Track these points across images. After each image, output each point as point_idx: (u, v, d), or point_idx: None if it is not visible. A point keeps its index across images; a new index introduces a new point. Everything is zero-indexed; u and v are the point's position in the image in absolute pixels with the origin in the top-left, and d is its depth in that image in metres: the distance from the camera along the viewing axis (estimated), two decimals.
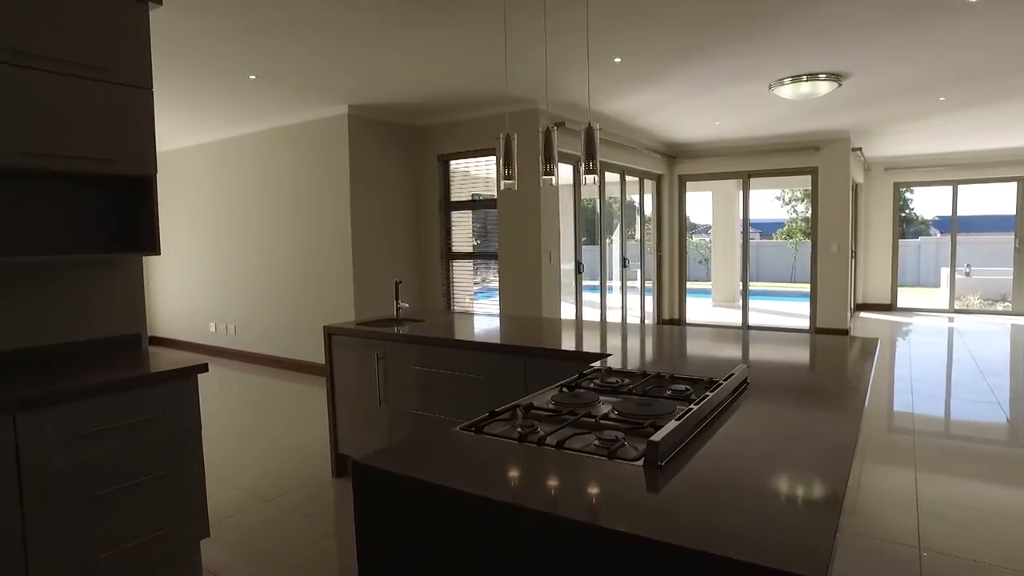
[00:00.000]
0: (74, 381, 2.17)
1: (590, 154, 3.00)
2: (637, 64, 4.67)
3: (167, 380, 2.34)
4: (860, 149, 8.74)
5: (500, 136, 3.23)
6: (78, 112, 2.31)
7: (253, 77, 4.73)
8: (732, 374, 1.86)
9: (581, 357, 2.63)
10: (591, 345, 2.80)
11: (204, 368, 2.45)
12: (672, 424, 1.38)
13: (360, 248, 6.07)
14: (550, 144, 3.16)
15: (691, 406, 1.53)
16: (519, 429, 1.53)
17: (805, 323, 8.55)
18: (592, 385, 1.98)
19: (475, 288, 6.76)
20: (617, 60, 4.54)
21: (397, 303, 3.81)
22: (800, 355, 2.66)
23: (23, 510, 2.02)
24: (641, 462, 1.29)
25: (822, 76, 4.90)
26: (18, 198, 2.43)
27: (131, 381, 2.24)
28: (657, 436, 1.30)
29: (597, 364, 2.32)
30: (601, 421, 1.58)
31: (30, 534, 2.03)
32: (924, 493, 3.23)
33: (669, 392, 1.83)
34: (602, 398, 1.84)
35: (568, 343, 2.90)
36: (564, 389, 1.96)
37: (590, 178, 3.07)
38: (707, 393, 1.64)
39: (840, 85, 5.09)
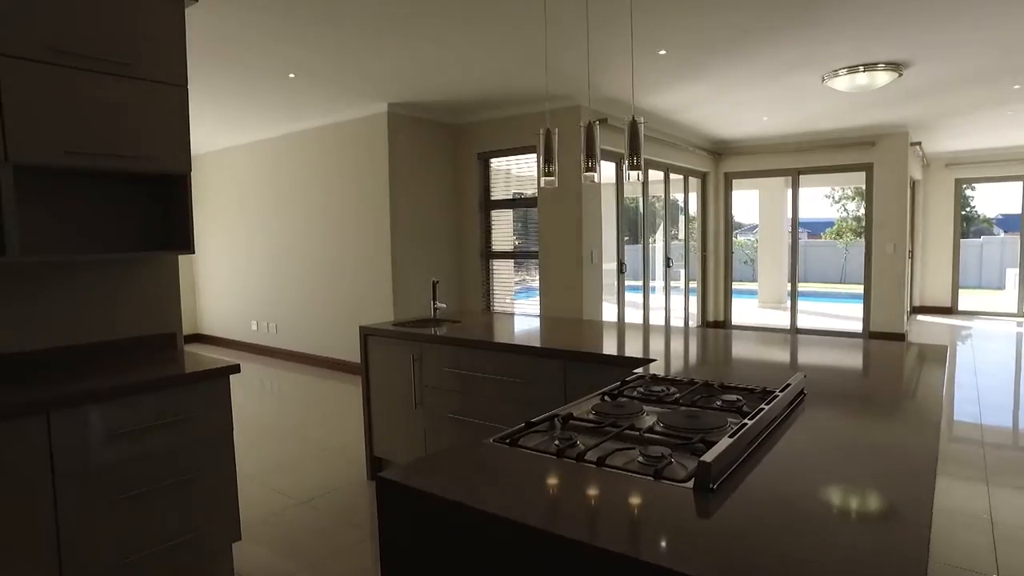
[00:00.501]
0: (108, 380, 2.15)
1: (634, 149, 2.87)
2: (683, 56, 4.49)
3: (199, 381, 2.31)
4: (919, 143, 8.33)
5: (540, 131, 3.12)
6: (113, 110, 2.30)
7: (292, 75, 4.73)
8: (788, 384, 1.71)
9: (624, 362, 2.50)
10: (634, 349, 2.67)
11: (236, 369, 2.41)
12: (725, 441, 1.25)
13: (399, 247, 6.04)
14: (592, 140, 3.04)
15: (745, 420, 1.39)
16: (556, 442, 1.43)
17: (858, 326, 8.19)
18: (636, 394, 1.85)
19: (515, 287, 6.67)
20: (662, 52, 4.38)
21: (434, 303, 3.73)
22: (859, 362, 2.47)
23: (57, 510, 2.00)
24: (691, 484, 1.17)
25: (881, 66, 4.64)
26: (54, 197, 2.43)
27: (163, 381, 2.21)
28: (709, 455, 1.17)
29: (640, 370, 2.19)
30: (646, 435, 1.46)
31: (64, 534, 2.01)
32: (1000, 514, 2.99)
33: (719, 403, 1.70)
34: (646, 408, 1.72)
35: (610, 347, 2.78)
36: (606, 398, 1.85)
37: (634, 175, 2.94)
38: (762, 406, 1.50)
39: (900, 75, 4.81)
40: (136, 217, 2.64)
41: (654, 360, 2.41)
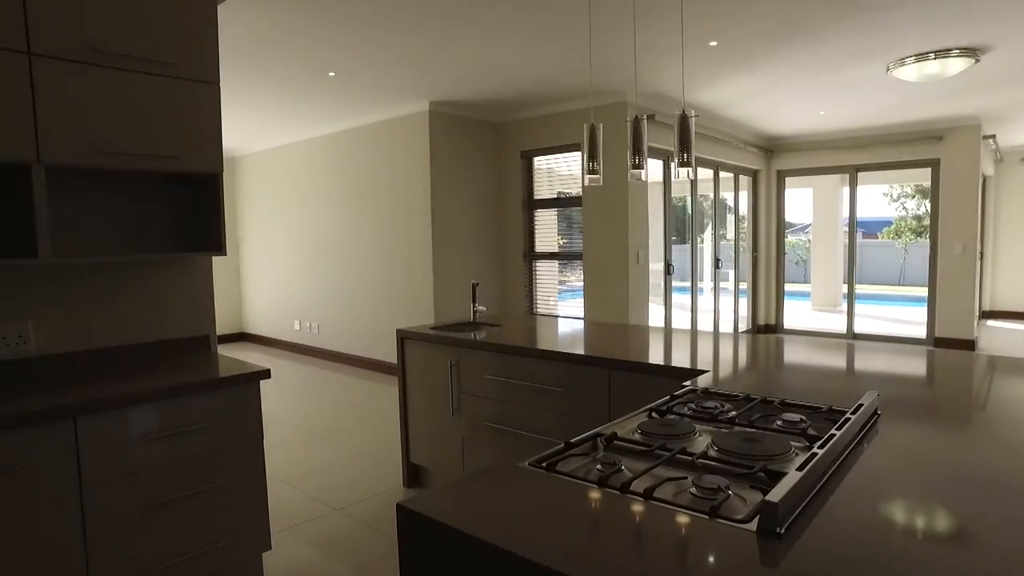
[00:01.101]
0: (137, 384, 2.10)
1: (684, 145, 2.70)
2: (735, 47, 4.27)
3: (229, 386, 2.24)
4: (993, 136, 7.82)
5: (585, 127, 2.97)
6: (145, 108, 2.25)
7: (332, 74, 4.68)
8: (861, 404, 1.52)
9: (672, 373, 2.33)
10: (684, 359, 2.49)
11: (266, 374, 2.34)
12: (793, 476, 1.08)
13: (440, 248, 5.95)
14: (639, 135, 2.88)
15: (814, 449, 1.22)
16: (599, 467, 1.29)
17: (921, 331, 7.75)
18: (686, 410, 1.69)
19: (558, 289, 6.52)
20: (713, 44, 4.17)
21: (474, 306, 3.62)
22: (934, 374, 2.24)
23: (84, 517, 1.96)
24: (753, 525, 1.01)
25: (955, 52, 4.31)
26: (85, 197, 2.40)
27: (192, 386, 2.15)
28: (775, 494, 1.01)
29: (691, 383, 2.02)
30: (699, 460, 1.30)
31: (92, 542, 1.97)
32: None
33: (779, 423, 1.53)
34: (698, 427, 1.56)
35: (657, 355, 2.61)
36: (653, 414, 1.69)
37: (683, 172, 2.77)
38: (833, 431, 1.32)
39: (977, 61, 4.46)
40: (167, 218, 2.60)
41: (705, 371, 2.23)
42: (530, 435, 2.83)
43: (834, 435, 1.29)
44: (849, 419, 1.40)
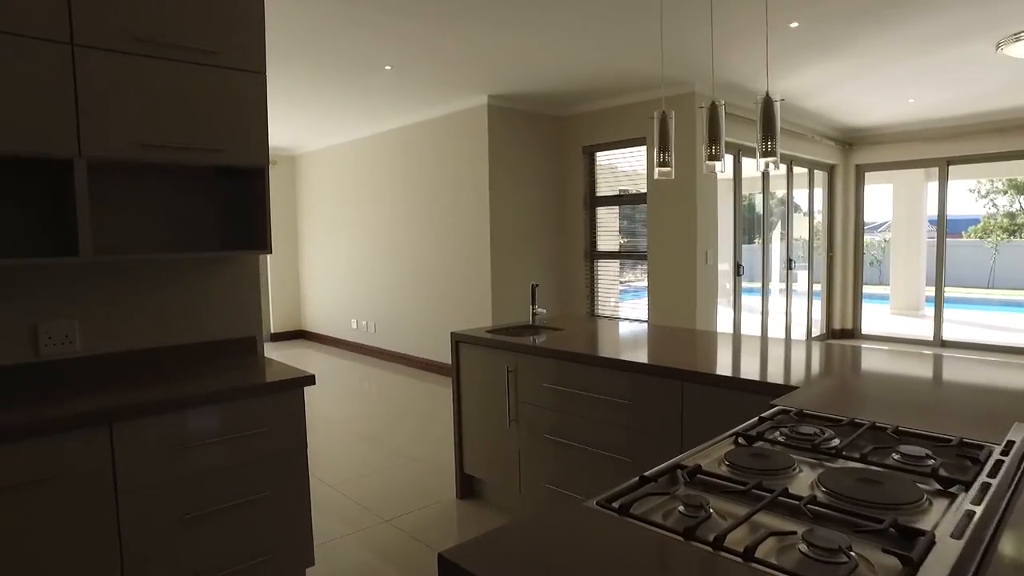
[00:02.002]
0: (178, 389, 1.99)
1: (769, 132, 2.43)
2: (819, 28, 3.92)
3: (271, 392, 2.11)
4: None
5: (655, 116, 2.73)
6: (191, 100, 2.15)
7: (388, 67, 4.57)
8: (1011, 442, 1.24)
9: (755, 388, 2.06)
10: (768, 371, 2.22)
11: (310, 380, 2.20)
12: (948, 547, 0.83)
13: (499, 247, 5.78)
14: (716, 123, 2.62)
15: (966, 504, 0.96)
16: (682, 508, 1.07)
17: (1021, 340, 7.09)
18: (780, 437, 1.45)
19: (620, 288, 6.25)
20: (793, 25, 3.83)
21: (533, 308, 3.42)
22: None
23: (120, 528, 1.86)
24: None
25: None
26: (127, 193, 2.32)
27: (232, 392, 2.02)
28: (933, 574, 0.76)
29: (780, 402, 1.76)
30: (808, 506, 1.06)
31: (127, 554, 1.87)
32: None
33: (898, 457, 1.27)
34: (797, 459, 1.31)
35: (736, 366, 2.34)
36: (740, 440, 1.45)
37: (763, 164, 2.49)
38: (985, 479, 1.05)
39: None
40: (213, 215, 2.50)
41: (795, 387, 1.96)
42: (593, 451, 2.60)
43: (988, 484, 1.02)
44: (1001, 461, 1.12)
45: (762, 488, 1.14)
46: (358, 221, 7.48)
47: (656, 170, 2.72)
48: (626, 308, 6.16)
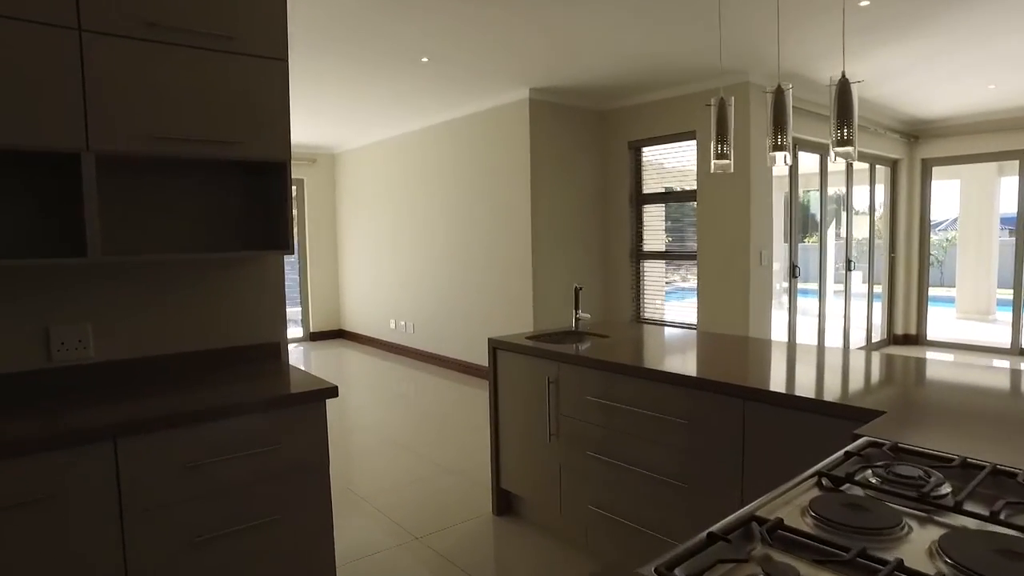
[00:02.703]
0: (189, 400, 1.84)
1: (844, 118, 2.14)
2: (892, 6, 3.57)
3: (290, 405, 1.94)
4: None
5: (712, 103, 2.47)
6: (207, 89, 1.99)
7: (425, 60, 4.39)
8: None
9: (835, 411, 1.80)
10: (844, 388, 1.95)
11: (333, 392, 2.02)
12: None
13: (540, 247, 5.56)
14: (782, 109, 2.34)
15: None
16: None
17: None
18: (875, 479, 1.20)
19: (666, 288, 5.96)
20: (864, 3, 3.50)
21: (576, 313, 3.19)
22: None
23: (125, 552, 1.71)
24: None
25: None
26: (138, 189, 2.17)
27: (247, 405, 1.86)
28: None
29: (867, 432, 1.49)
30: None
31: None
32: None
33: None
34: (901, 510, 1.07)
35: (807, 383, 2.07)
36: (824, 480, 1.21)
37: (841, 154, 2.21)
38: None
39: None
40: (232, 213, 2.35)
41: (881, 412, 1.69)
42: (643, 473, 2.36)
43: None
44: None
45: (867, 557, 0.90)
46: (397, 219, 7.35)
47: (713, 163, 2.47)
48: (672, 310, 5.86)
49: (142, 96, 1.89)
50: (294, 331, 8.70)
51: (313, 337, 8.60)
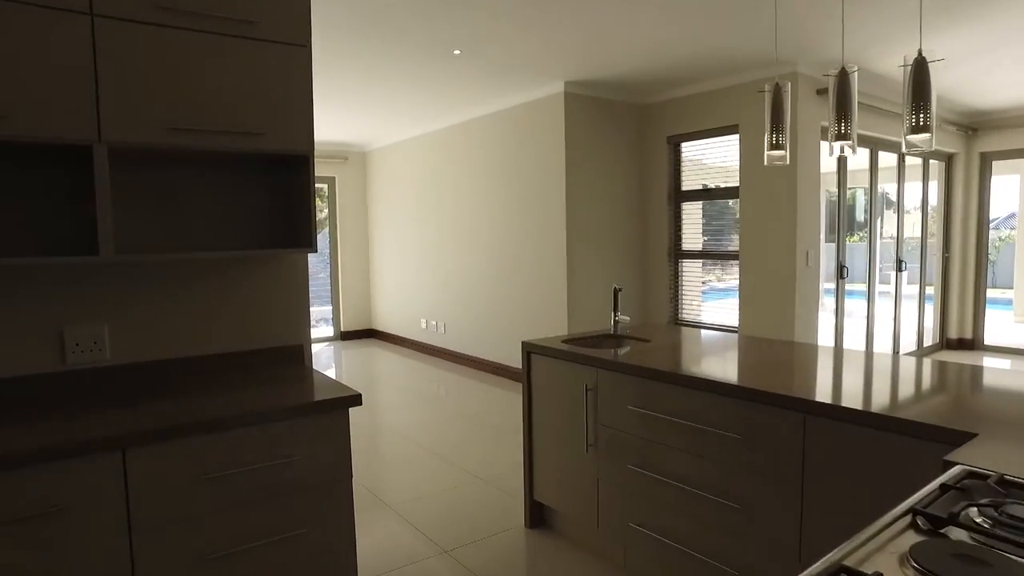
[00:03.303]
0: (204, 407, 1.72)
1: (921, 101, 1.93)
2: None
3: (310, 414, 1.81)
4: None
5: (766, 89, 2.28)
6: (225, 78, 1.88)
7: (457, 52, 4.25)
8: None
9: (916, 430, 1.59)
10: (922, 402, 1.74)
11: (356, 400, 1.89)
12: None
13: (575, 245, 5.38)
14: (846, 93, 2.14)
15: None
16: None
17: None
18: (983, 521, 1.01)
19: (702, 288, 5.73)
20: None
21: (615, 315, 3.01)
22: None
23: (134, 568, 1.60)
24: None
25: None
26: (153, 184, 2.07)
27: (264, 414, 1.73)
28: None
29: (960, 460, 1.29)
30: None
31: None
32: None
33: None
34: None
35: (880, 396, 1.86)
36: (921, 521, 1.03)
37: (915, 142, 2.00)
38: None
39: None
40: (251, 209, 2.23)
41: (972, 434, 1.48)
42: (691, 491, 2.18)
43: None
44: None
45: None
46: (428, 217, 7.25)
47: (766, 154, 2.27)
48: (709, 311, 5.63)
49: (157, 85, 1.78)
50: (325, 330, 8.67)
51: (344, 336, 8.56)
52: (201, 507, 1.66)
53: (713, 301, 5.68)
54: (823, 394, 1.87)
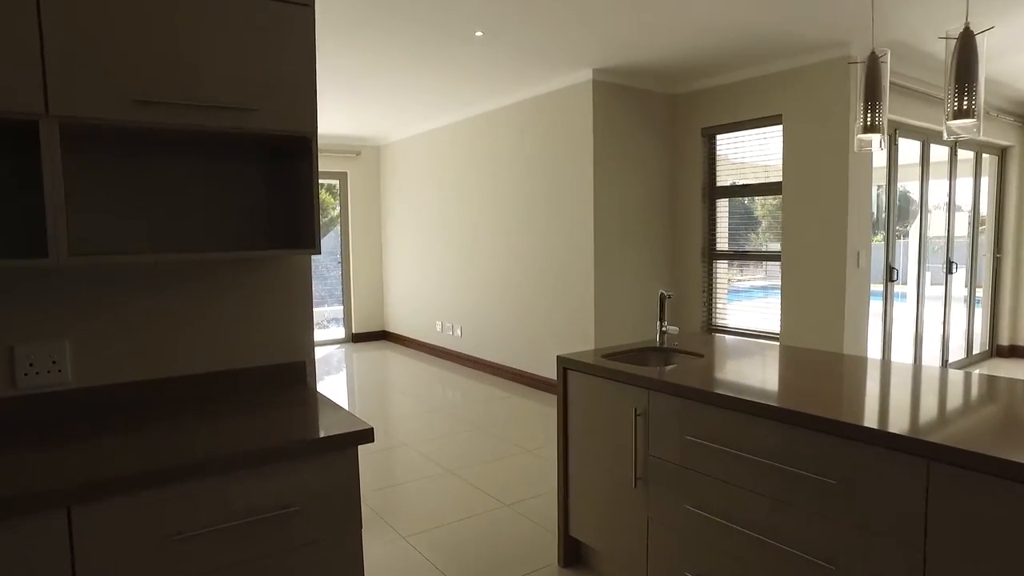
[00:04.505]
0: (176, 447, 1.38)
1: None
2: None
3: (309, 454, 1.46)
4: None
5: (859, 61, 1.90)
6: (204, 38, 1.53)
7: (479, 33, 3.88)
8: None
9: None
10: None
11: (367, 436, 1.53)
12: None
13: (603, 245, 5.00)
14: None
15: None
16: None
17: None
18: None
19: (728, 286, 5.35)
20: None
21: (662, 325, 2.64)
22: None
23: None
24: None
25: None
26: (119, 171, 1.72)
27: (251, 457, 1.38)
28: None
29: None
30: None
31: None
32: None
33: None
34: None
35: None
36: None
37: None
38: None
39: None
40: (243, 203, 1.88)
41: None
42: (768, 543, 1.80)
43: None
44: None
45: None
46: (444, 215, 6.89)
47: (856, 139, 1.89)
48: (741, 314, 5.23)
49: (121, 45, 1.43)
50: (336, 332, 8.35)
51: (355, 339, 8.23)
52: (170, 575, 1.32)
53: (736, 303, 5.29)
54: (955, 436, 1.49)
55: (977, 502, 1.37)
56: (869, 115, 1.67)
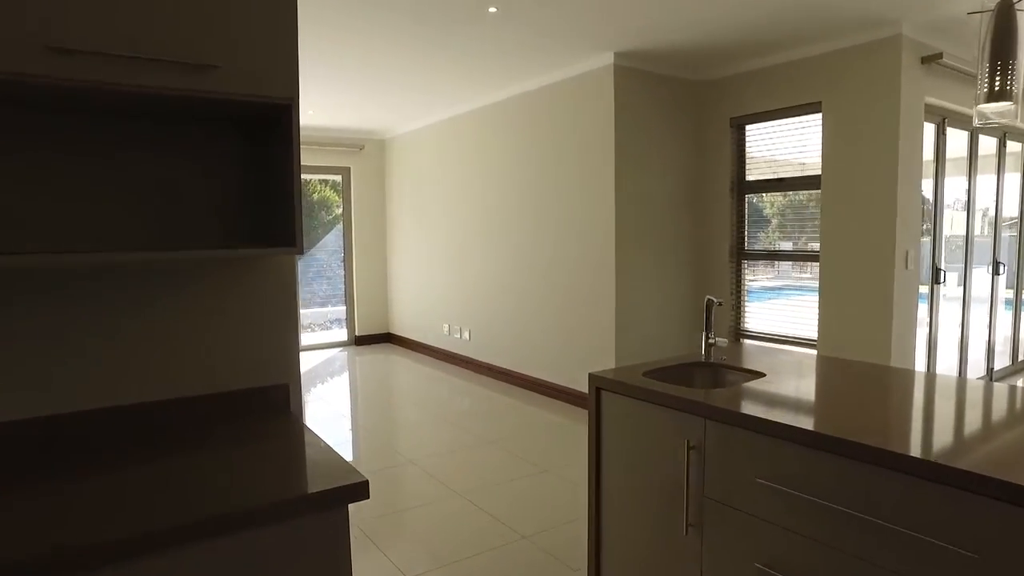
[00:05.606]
0: (121, 502, 1.02)
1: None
2: None
3: (287, 518, 1.10)
4: None
5: (979, 11, 1.52)
6: None
7: (493, 9, 3.51)
8: None
9: None
10: None
11: (361, 492, 1.17)
12: None
13: (624, 243, 4.62)
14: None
15: None
16: None
17: None
18: None
19: (749, 285, 4.96)
20: None
21: (707, 337, 2.27)
22: None
23: None
24: None
25: None
26: (62, 151, 1.36)
27: (215, 522, 1.02)
28: None
29: None
30: None
31: None
32: None
33: None
34: None
35: None
36: None
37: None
38: None
39: None
40: (207, 191, 1.51)
41: None
42: None
43: None
44: None
45: None
46: (453, 212, 6.52)
47: (980, 108, 1.51)
48: (755, 314, 4.84)
49: None
50: (339, 334, 8.00)
51: (358, 341, 7.87)
52: None
53: (756, 303, 4.91)
54: None
55: None
56: (998, 78, 1.29)
